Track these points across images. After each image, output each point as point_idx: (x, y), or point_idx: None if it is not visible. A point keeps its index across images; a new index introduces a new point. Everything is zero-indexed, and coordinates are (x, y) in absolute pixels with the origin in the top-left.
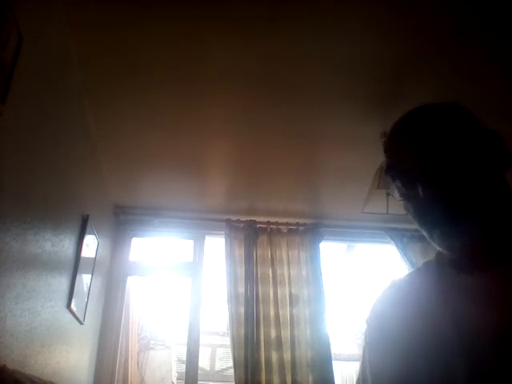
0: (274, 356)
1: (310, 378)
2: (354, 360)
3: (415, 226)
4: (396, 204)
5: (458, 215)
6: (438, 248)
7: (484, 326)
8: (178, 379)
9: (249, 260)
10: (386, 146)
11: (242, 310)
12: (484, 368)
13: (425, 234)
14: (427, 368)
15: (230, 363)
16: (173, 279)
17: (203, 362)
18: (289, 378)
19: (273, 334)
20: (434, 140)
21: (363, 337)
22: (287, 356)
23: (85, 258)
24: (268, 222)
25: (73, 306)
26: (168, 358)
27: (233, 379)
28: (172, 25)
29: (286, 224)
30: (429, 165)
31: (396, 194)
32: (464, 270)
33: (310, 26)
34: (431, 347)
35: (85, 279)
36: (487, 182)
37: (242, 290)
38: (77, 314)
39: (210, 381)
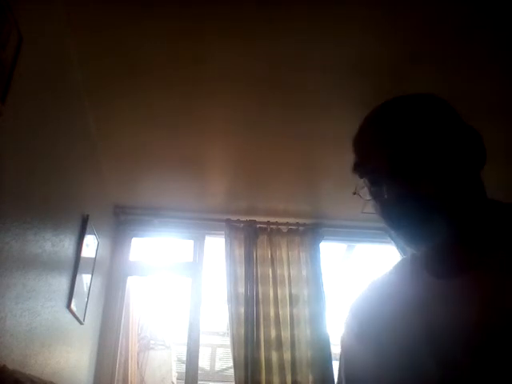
0: (274, 356)
1: (310, 378)
2: None
3: None
4: None
5: (423, 217)
6: (406, 247)
7: (455, 328)
8: (178, 379)
9: (249, 260)
10: (354, 141)
11: (242, 310)
12: (455, 369)
13: (393, 233)
14: (400, 369)
15: (230, 363)
16: (173, 279)
17: (203, 362)
18: (289, 378)
19: (273, 333)
20: (402, 137)
21: (340, 337)
22: (287, 356)
23: (85, 258)
24: (268, 222)
25: (73, 305)
26: (168, 358)
27: (233, 379)
28: (172, 25)
29: (286, 224)
30: (394, 164)
31: (364, 193)
32: (437, 273)
33: (310, 26)
34: (404, 349)
35: (85, 279)
36: (457, 182)
37: (242, 290)
38: (77, 314)
39: (209, 381)
